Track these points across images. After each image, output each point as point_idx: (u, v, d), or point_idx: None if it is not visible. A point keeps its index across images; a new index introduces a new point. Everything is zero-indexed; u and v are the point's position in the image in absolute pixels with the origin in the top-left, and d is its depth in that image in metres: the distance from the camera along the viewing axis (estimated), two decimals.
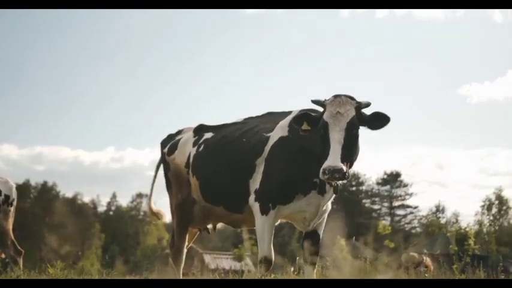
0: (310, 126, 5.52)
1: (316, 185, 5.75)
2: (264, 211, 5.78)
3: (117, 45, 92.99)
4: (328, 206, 5.95)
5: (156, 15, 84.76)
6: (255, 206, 5.90)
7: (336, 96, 5.46)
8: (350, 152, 5.29)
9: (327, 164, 5.07)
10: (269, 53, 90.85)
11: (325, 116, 5.37)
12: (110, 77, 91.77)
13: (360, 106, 5.41)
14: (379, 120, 5.43)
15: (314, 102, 5.59)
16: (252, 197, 5.96)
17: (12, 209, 10.29)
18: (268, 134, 6.11)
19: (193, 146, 6.90)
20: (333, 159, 5.07)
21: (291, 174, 5.76)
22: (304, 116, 5.59)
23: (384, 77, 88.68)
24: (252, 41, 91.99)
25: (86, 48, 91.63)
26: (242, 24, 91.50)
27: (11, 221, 10.24)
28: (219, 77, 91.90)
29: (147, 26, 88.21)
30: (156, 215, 7.78)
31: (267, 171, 5.92)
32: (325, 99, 5.50)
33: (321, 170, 5.08)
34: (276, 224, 6.07)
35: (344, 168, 5.04)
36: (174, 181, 7.10)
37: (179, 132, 7.46)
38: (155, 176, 7.58)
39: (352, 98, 5.46)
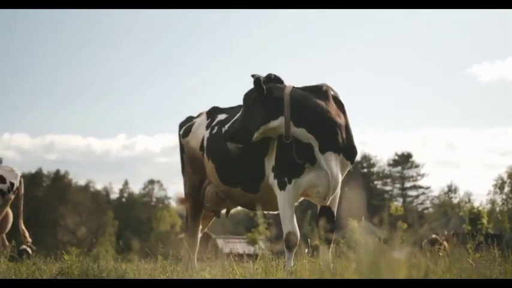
0: None
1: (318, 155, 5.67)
2: (282, 186, 5.77)
3: (125, 32, 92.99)
4: (339, 180, 5.87)
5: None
6: (274, 184, 5.87)
7: None
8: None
9: None
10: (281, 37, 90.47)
11: None
12: (120, 64, 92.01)
13: None
14: None
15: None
16: (271, 176, 5.92)
17: (13, 197, 10.34)
18: None
19: (207, 128, 6.87)
20: None
21: (299, 147, 5.73)
22: None
23: (394, 58, 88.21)
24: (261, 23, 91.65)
25: (94, 35, 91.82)
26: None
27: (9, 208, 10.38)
28: (231, 60, 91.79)
29: (156, 12, 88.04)
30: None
31: (280, 147, 5.86)
32: None
33: None
34: (296, 203, 6.03)
35: None
36: (189, 164, 7.12)
37: (200, 115, 7.39)
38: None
39: None
